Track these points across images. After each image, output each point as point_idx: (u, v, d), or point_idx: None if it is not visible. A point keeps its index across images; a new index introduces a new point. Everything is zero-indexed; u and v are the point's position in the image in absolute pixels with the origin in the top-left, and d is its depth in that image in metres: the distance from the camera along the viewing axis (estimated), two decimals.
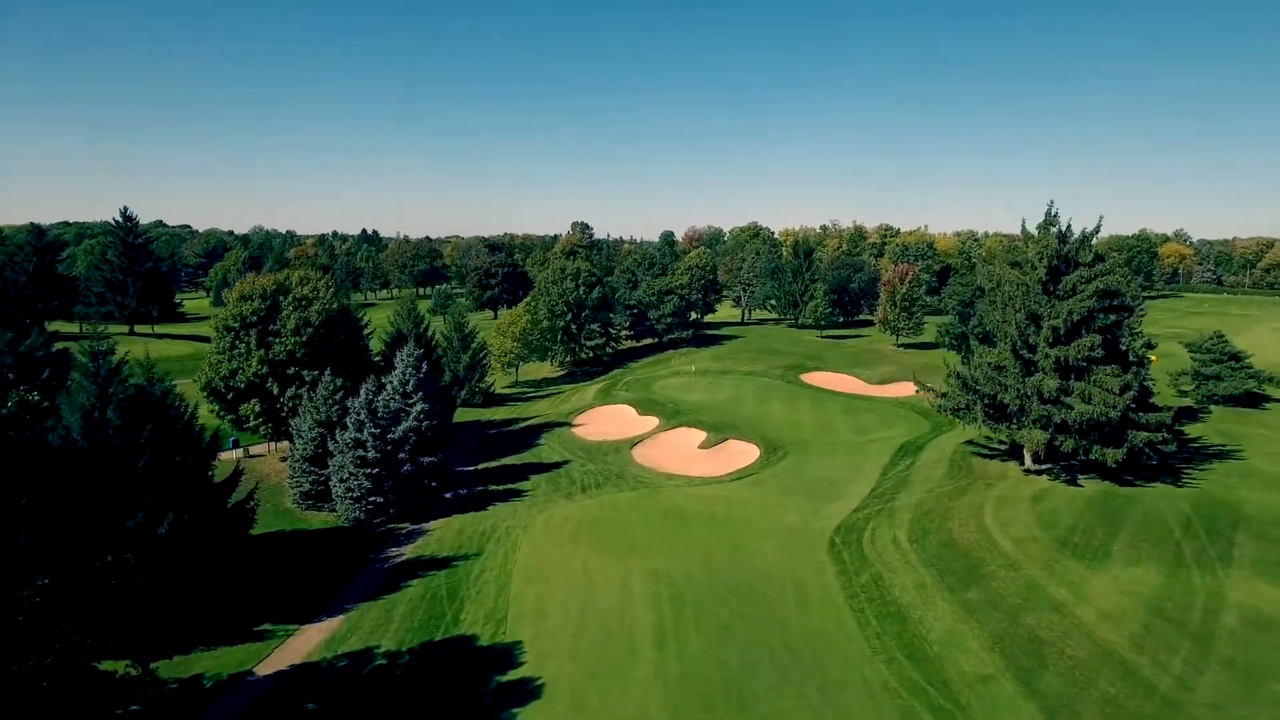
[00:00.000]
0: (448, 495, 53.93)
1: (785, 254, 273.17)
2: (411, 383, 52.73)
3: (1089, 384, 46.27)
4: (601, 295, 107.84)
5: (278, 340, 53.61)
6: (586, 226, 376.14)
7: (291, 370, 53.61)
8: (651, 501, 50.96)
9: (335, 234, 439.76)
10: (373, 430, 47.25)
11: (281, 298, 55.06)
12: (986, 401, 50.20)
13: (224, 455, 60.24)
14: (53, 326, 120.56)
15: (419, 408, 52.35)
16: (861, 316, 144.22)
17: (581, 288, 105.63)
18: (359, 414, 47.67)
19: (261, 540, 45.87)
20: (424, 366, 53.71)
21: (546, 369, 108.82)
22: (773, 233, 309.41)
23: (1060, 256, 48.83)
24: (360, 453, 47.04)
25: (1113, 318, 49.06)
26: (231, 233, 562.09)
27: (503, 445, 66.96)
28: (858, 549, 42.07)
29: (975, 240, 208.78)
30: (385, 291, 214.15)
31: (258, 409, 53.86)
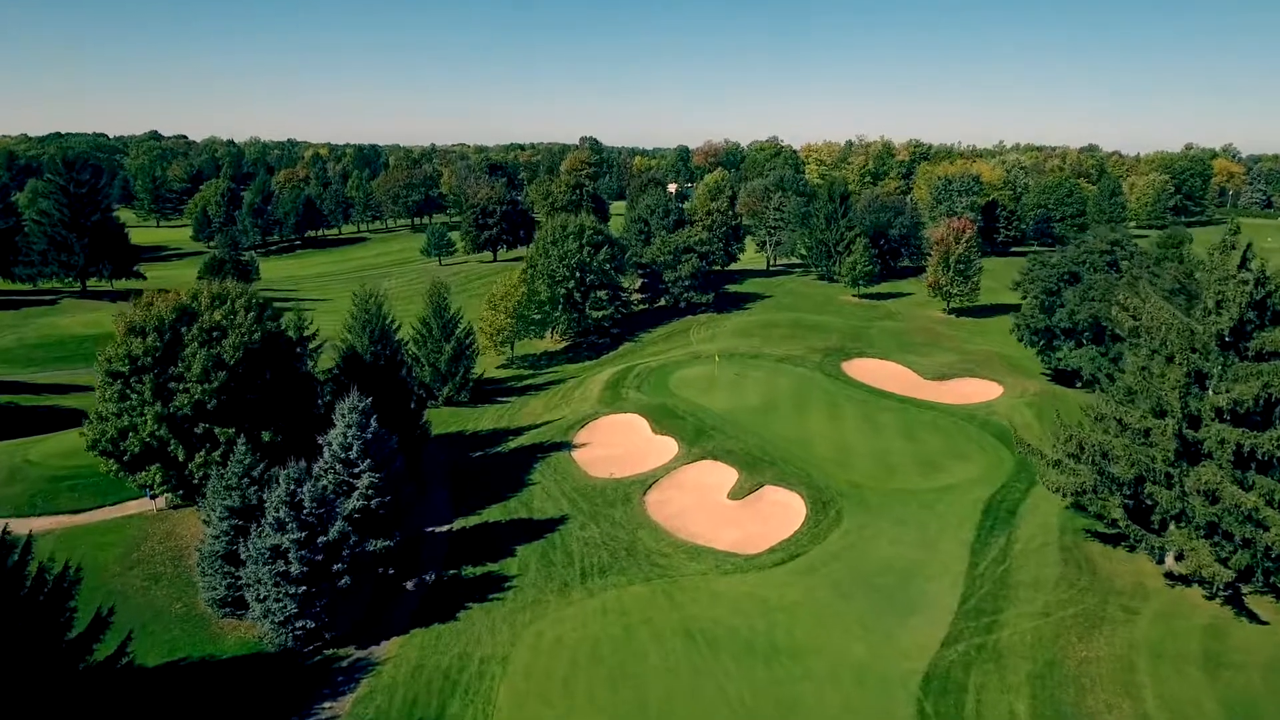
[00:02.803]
0: (410, 585, 42.12)
1: (810, 177, 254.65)
2: (356, 447, 40.12)
3: None
4: (609, 255, 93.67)
5: (180, 389, 40.74)
6: (596, 143, 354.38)
7: (201, 428, 40.99)
8: (671, 609, 39.00)
9: (332, 149, 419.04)
10: (296, 536, 34.93)
11: (185, 329, 41.82)
12: (1126, 491, 37.19)
13: (139, 505, 48.64)
14: None
15: (367, 480, 39.99)
16: (901, 264, 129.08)
17: (586, 249, 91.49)
18: (277, 511, 35.30)
19: (151, 680, 34.49)
20: (373, 422, 40.91)
21: (547, 340, 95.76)
22: (795, 150, 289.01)
23: (1254, 302, 34.71)
24: (281, 566, 34.93)
25: None
26: (231, 142, 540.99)
27: (486, 481, 54.79)
28: None
29: (1021, 168, 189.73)
30: (379, 223, 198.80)
31: (159, 477, 41.59)
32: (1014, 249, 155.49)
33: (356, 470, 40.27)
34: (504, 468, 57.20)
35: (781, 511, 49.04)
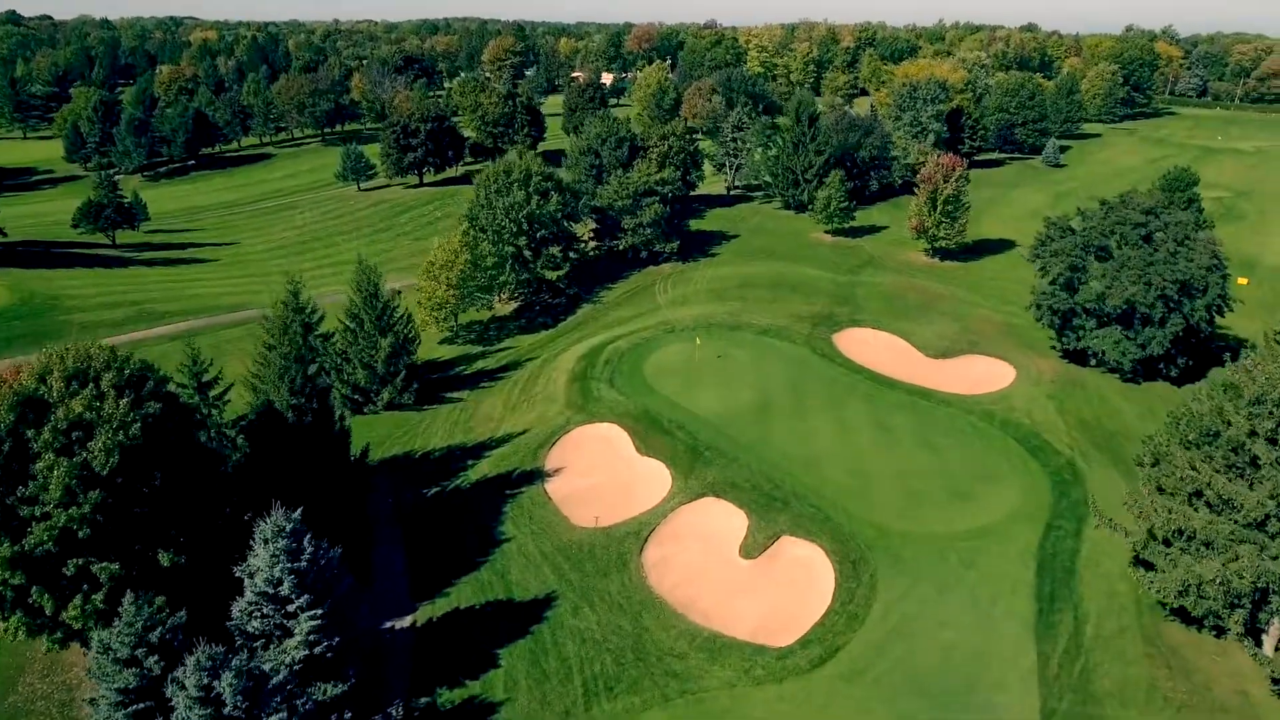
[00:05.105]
0: None
1: (752, 67, 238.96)
2: (288, 582, 30.63)
3: None
4: (561, 203, 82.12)
5: (36, 514, 30.13)
6: (519, 29, 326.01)
7: (72, 566, 30.70)
8: None
9: (222, 34, 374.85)
10: None
11: (32, 431, 30.67)
12: (1246, 604, 31.08)
13: None
14: None
15: (308, 624, 30.82)
16: (870, 186, 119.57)
17: (534, 198, 79.68)
18: (189, 712, 26.14)
19: None
20: (307, 543, 31.32)
21: (495, 303, 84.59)
22: (735, 39, 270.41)
23: None
24: None
25: None
26: (105, 23, 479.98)
27: (448, 534, 45.98)
28: None
29: (981, 67, 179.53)
30: (284, 134, 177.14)
31: (24, 631, 31.54)
32: (978, 158, 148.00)
33: (292, 609, 31.01)
34: (467, 511, 48.37)
35: (805, 574, 42.12)
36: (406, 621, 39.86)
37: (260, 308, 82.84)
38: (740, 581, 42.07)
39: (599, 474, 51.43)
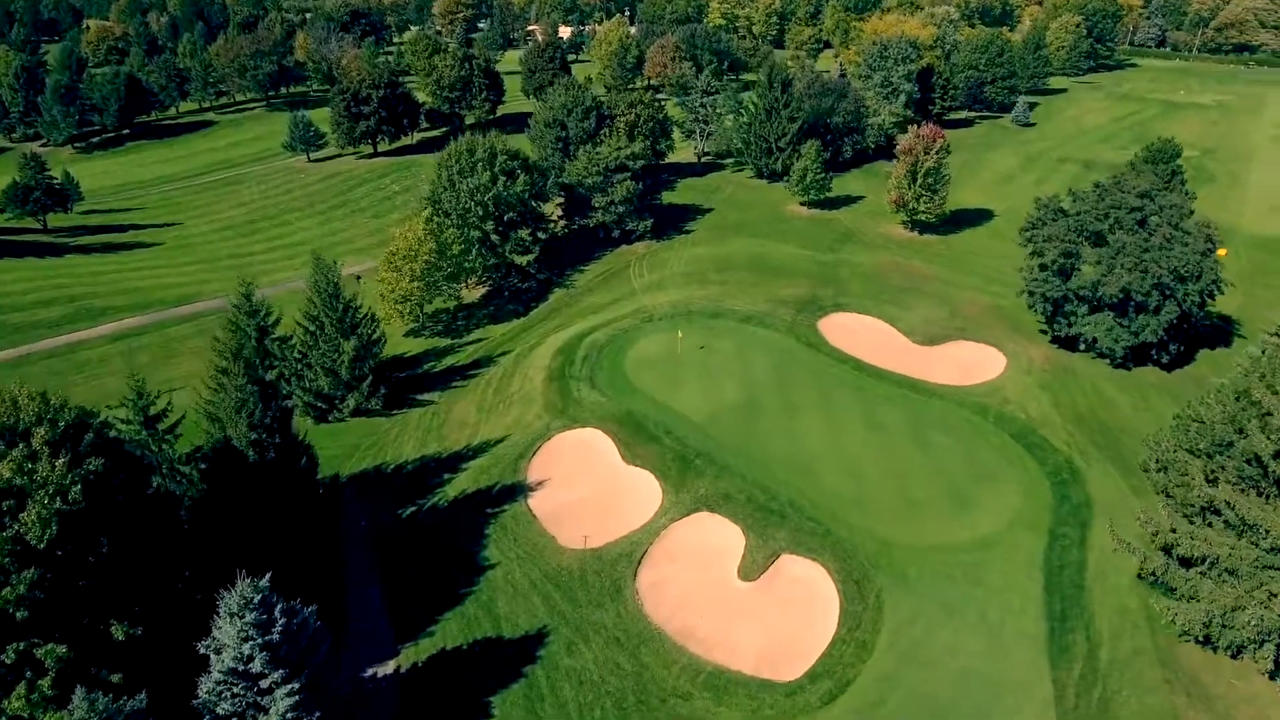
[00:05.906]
0: None
1: (713, 20, 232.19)
2: (260, 659, 27.80)
3: None
4: (528, 183, 77.98)
5: None
6: None
7: (12, 653, 27.42)
8: None
9: None
10: None
11: None
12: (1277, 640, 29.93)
13: None
14: None
15: (285, 701, 28.13)
16: (844, 152, 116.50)
17: (500, 179, 75.41)
18: None
19: None
20: (278, 613, 28.38)
21: (462, 290, 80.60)
22: None
23: None
24: None
25: None
26: None
27: (428, 561, 43.29)
28: None
29: (951, 23, 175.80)
30: (225, 98, 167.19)
31: None
32: (948, 118, 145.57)
33: (266, 684, 28.23)
34: (446, 534, 45.62)
35: (807, 595, 40.39)
36: (389, 667, 37.32)
37: (210, 298, 78.31)
38: (740, 605, 40.17)
39: (585, 487, 48.92)
